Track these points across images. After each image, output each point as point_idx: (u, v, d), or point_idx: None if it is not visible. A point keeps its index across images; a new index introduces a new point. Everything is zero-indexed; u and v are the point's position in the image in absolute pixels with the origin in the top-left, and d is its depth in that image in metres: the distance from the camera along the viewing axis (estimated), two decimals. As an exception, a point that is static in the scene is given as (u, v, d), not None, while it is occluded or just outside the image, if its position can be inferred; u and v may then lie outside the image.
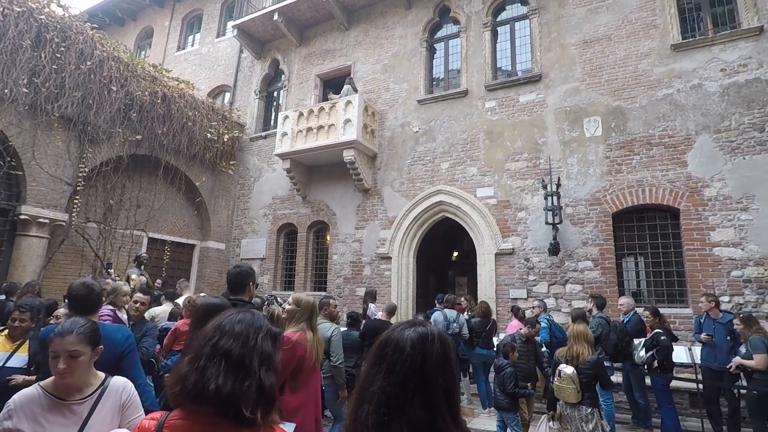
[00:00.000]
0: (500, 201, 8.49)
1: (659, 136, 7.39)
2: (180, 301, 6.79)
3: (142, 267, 8.52)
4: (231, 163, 11.57)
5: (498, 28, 9.58)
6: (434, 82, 10.22)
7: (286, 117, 10.41)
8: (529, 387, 5.07)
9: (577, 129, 8.04)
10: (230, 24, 13.19)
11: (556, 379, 4.13)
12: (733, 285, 6.55)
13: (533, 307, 6.84)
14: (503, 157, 8.62)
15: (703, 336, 5.45)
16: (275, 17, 11.41)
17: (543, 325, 6.39)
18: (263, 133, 12.06)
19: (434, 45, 10.35)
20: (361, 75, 10.83)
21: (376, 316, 6.81)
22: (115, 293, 4.06)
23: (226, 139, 11.18)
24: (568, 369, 4.02)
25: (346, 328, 6.20)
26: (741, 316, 5.33)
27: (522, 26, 9.30)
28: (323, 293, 9.99)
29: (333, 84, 11.51)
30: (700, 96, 7.22)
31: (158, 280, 9.06)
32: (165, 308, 5.81)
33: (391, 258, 9.40)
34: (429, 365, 1.03)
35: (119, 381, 1.95)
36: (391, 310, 6.38)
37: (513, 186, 8.42)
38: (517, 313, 6.96)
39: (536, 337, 5.78)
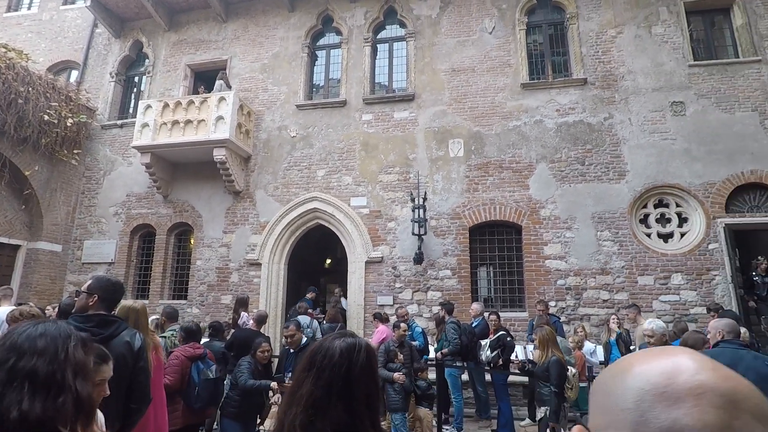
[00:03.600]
0: (372, 211, 8.81)
1: (509, 161, 8.45)
2: (4, 309, 5.63)
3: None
4: (75, 152, 9.99)
5: (378, 45, 10.00)
6: (314, 89, 10.22)
7: (149, 106, 9.40)
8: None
9: (443, 148, 8.77)
10: (82, -8, 11.48)
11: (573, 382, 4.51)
12: (558, 292, 7.76)
13: (400, 315, 7.23)
14: (377, 168, 8.98)
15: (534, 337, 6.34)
16: (140, -6, 10.26)
17: (418, 330, 6.87)
18: (119, 122, 10.69)
19: (316, 52, 10.36)
20: (237, 71, 10.31)
21: (248, 325, 6.52)
22: None
23: (69, 124, 9.62)
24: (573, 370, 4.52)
25: (208, 339, 5.81)
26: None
27: (400, 47, 9.85)
28: (184, 302, 9.21)
29: (206, 77, 10.73)
30: (540, 130, 8.46)
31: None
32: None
33: (261, 264, 9.07)
34: (354, 372, 1.13)
35: None
36: (261, 319, 6.17)
37: (385, 197, 8.81)
38: (381, 318, 7.26)
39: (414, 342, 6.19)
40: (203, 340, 5.60)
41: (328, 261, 12.84)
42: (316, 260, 12.19)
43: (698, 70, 8.17)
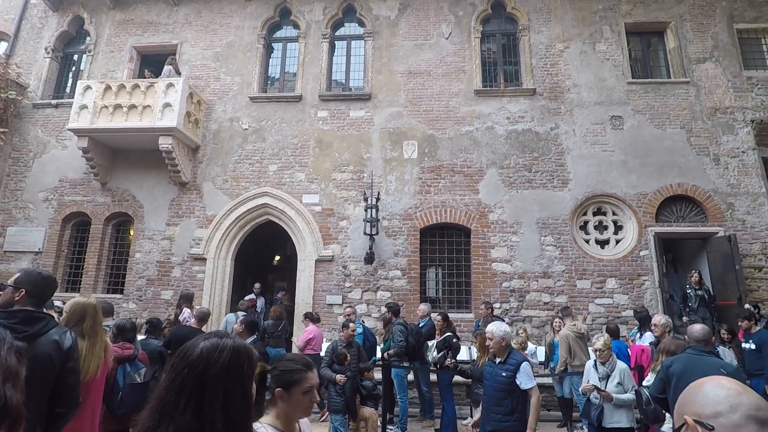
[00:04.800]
0: (325, 209, 8.72)
1: (461, 165, 8.64)
2: None
3: None
4: (1, 131, 9.17)
5: (336, 42, 9.93)
6: (269, 82, 9.98)
7: (88, 87, 8.79)
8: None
9: (398, 149, 8.83)
10: (17, -41, 10.58)
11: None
12: (503, 294, 8.02)
13: (346, 314, 7.20)
14: (331, 166, 8.90)
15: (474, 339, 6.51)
16: (84, -33, 9.60)
17: (359, 330, 6.82)
18: (53, 102, 9.92)
19: (272, 44, 10.13)
20: (188, 58, 9.87)
21: (189, 323, 6.24)
22: None
23: (-5, 101, 8.83)
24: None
25: (145, 336, 5.51)
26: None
27: (358, 45, 9.82)
28: (119, 296, 8.69)
29: (154, 61, 10.19)
30: (492, 136, 8.72)
31: None
32: None
33: (206, 259, 8.72)
34: (210, 374, 1.05)
35: None
36: (203, 317, 5.91)
37: (338, 195, 8.75)
38: (312, 318, 7.23)
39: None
40: (140, 337, 5.31)
41: (277, 258, 12.59)
42: (264, 257, 11.90)
43: (635, 87, 8.75)
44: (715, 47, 8.90)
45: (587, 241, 8.28)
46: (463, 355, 6.98)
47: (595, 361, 4.49)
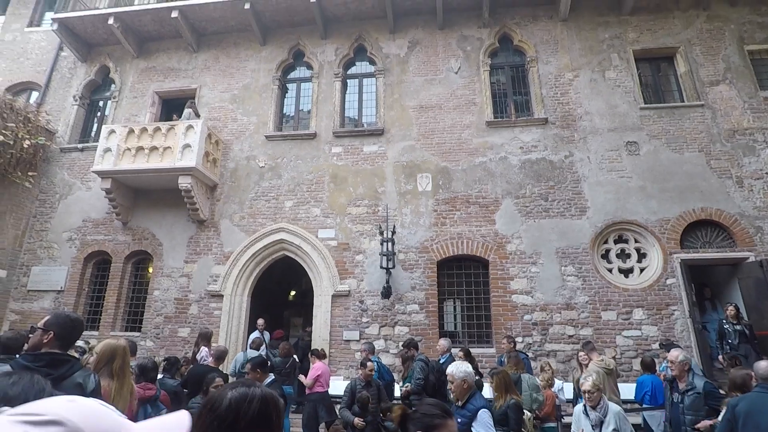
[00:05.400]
0: (340, 243, 8.71)
1: (476, 196, 8.60)
2: None
3: None
4: (30, 174, 9.55)
5: (348, 80, 10.21)
6: (284, 119, 10.26)
7: (112, 131, 9.16)
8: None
9: (412, 182, 8.86)
10: (50, 15, 11.32)
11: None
12: (525, 327, 7.76)
13: (362, 351, 7.03)
14: (346, 201, 8.95)
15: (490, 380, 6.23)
16: (110, 21, 10.21)
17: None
18: (80, 145, 10.35)
19: (287, 84, 10.47)
20: (207, 101, 10.26)
21: (207, 362, 6.19)
22: None
23: (26, 146, 9.23)
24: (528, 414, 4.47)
25: (162, 375, 5.46)
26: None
27: (369, 83, 10.08)
28: (137, 334, 8.70)
29: (174, 104, 10.62)
30: (505, 166, 8.70)
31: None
32: None
33: (223, 296, 8.73)
34: (239, 426, 1.03)
35: None
36: (221, 355, 5.86)
37: (353, 230, 8.75)
38: (318, 354, 7.06)
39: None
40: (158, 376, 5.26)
41: (293, 293, 12.53)
42: (279, 292, 11.86)
43: (649, 112, 8.69)
44: (727, 69, 8.84)
45: (610, 270, 8.02)
46: (486, 393, 6.69)
47: (584, 405, 4.02)
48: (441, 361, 6.57)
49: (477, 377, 6.13)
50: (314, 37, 10.31)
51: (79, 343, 6.37)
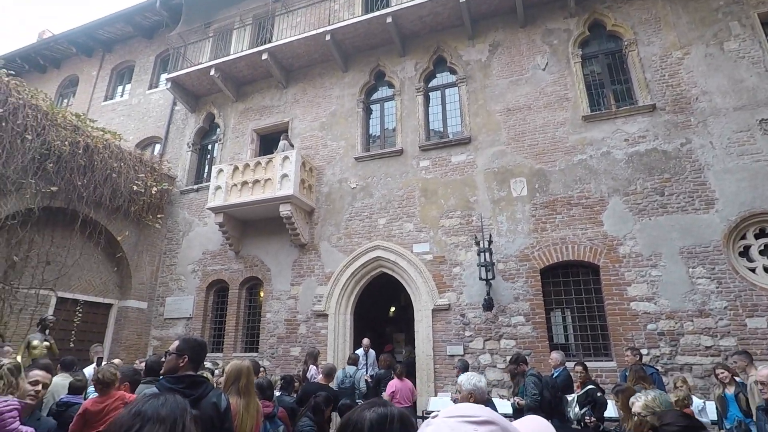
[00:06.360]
0: (436, 257, 8.63)
1: (577, 197, 8.00)
2: (89, 370, 6.00)
3: (47, 331, 7.54)
4: (158, 216, 10.94)
5: (430, 93, 10.19)
6: (371, 140, 10.52)
7: (221, 170, 10.14)
8: None
9: (505, 189, 8.52)
10: (164, 77, 12.96)
11: None
12: (650, 338, 6.96)
13: (455, 368, 7.05)
14: (438, 213, 8.87)
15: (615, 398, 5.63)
16: (212, 73, 11.40)
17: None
18: (195, 186, 11.63)
19: (370, 106, 10.75)
20: (298, 131, 10.93)
21: (316, 379, 6.52)
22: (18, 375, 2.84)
23: (154, 192, 10.62)
24: None
25: (279, 393, 5.81)
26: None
27: (452, 93, 9.96)
28: (255, 354, 9.40)
29: (270, 139, 11.50)
30: (609, 162, 7.98)
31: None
32: (60, 380, 4.86)
33: (327, 315, 9.11)
34: None
35: None
36: (330, 372, 6.12)
37: (448, 242, 8.62)
38: (395, 370, 7.09)
39: None
40: (276, 393, 5.61)
41: (392, 309, 12.66)
42: (380, 309, 12.07)
43: (786, 82, 7.40)
44: None
45: (753, 270, 6.90)
46: (611, 411, 6.09)
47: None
48: (554, 376, 6.14)
49: (599, 393, 5.64)
50: (393, 55, 10.49)
51: (207, 364, 7.04)
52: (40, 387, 2.84)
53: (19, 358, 6.35)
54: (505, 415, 4.58)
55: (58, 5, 58.03)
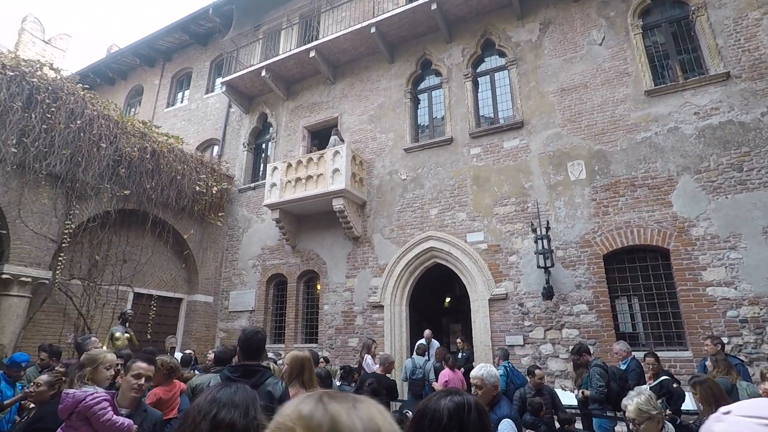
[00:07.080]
0: (491, 245, 8.45)
1: (642, 177, 7.52)
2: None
3: (127, 324, 8.20)
4: (219, 215, 11.52)
5: (478, 79, 9.94)
6: (420, 130, 10.45)
7: (275, 168, 10.49)
8: None
9: (562, 173, 8.17)
10: (219, 81, 13.56)
11: None
12: (730, 325, 6.44)
13: (495, 356, 6.90)
14: (491, 201, 8.68)
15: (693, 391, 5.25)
16: (263, 74, 11.78)
17: (501, 372, 6.30)
18: (252, 185, 12.12)
19: (418, 96, 10.67)
20: (347, 126, 11.06)
21: (373, 369, 6.63)
22: (94, 364, 2.65)
23: (214, 191, 11.18)
24: None
25: (339, 383, 5.97)
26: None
27: (501, 76, 9.66)
28: (315, 345, 9.69)
29: (320, 135, 11.74)
30: (677, 138, 7.43)
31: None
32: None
33: (383, 306, 9.20)
34: None
35: None
36: (385, 362, 6.18)
37: (503, 230, 8.42)
38: (447, 361, 6.93)
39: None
40: (336, 383, 5.77)
41: (448, 300, 12.58)
42: (435, 300, 12.02)
43: None
44: None
45: None
46: (688, 404, 5.71)
47: None
48: (622, 367, 5.85)
49: (675, 385, 5.30)
50: (439, 42, 10.33)
51: (270, 355, 7.35)
52: (143, 380, 2.77)
53: (104, 348, 6.95)
54: (569, 407, 4.43)
55: (123, 21, 62.36)
